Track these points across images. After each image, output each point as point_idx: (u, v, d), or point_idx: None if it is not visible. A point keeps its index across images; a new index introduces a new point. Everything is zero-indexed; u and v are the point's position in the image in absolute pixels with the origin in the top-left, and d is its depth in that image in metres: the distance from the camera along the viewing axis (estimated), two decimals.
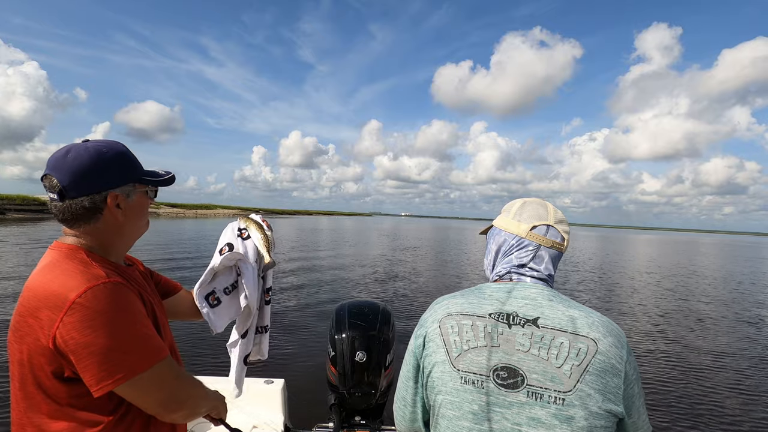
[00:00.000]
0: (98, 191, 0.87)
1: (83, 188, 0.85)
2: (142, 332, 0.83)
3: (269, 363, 4.64)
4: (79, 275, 0.80)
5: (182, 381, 0.91)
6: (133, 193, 0.93)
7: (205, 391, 1.01)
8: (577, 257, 21.60)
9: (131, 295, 0.85)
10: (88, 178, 0.85)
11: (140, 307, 0.86)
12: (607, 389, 0.75)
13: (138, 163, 0.95)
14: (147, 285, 1.05)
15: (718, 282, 14.45)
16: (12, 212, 38.94)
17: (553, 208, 0.95)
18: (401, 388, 0.95)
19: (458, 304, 0.87)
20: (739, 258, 29.25)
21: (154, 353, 0.83)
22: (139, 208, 0.95)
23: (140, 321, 0.84)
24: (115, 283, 0.82)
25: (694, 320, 8.09)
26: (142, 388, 0.82)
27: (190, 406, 0.92)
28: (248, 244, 1.36)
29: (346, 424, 2.00)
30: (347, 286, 10.07)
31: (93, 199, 0.87)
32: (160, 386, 0.84)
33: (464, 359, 0.81)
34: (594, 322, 0.79)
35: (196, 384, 0.97)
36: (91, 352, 0.76)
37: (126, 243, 0.98)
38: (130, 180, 0.92)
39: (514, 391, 0.77)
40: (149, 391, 0.83)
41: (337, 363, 1.98)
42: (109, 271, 0.85)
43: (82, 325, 0.75)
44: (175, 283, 1.28)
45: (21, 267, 10.40)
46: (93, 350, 0.76)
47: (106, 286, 0.80)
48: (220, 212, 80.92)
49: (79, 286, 0.78)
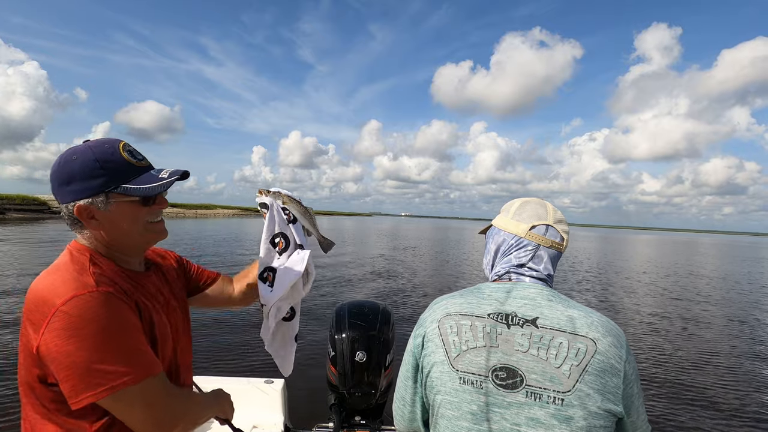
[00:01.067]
0: (67, 201, 0.84)
1: (59, 196, 0.85)
2: (128, 345, 0.78)
3: (269, 363, 4.65)
4: (70, 282, 0.78)
5: (175, 398, 0.85)
6: (108, 204, 0.85)
7: (204, 400, 0.99)
8: (577, 257, 21.59)
9: (122, 306, 0.80)
10: (59, 186, 0.84)
11: (131, 320, 0.81)
12: (607, 389, 0.75)
13: (118, 168, 0.85)
14: (163, 289, 1.01)
15: (715, 282, 14.45)
16: (12, 212, 38.88)
17: (552, 208, 0.95)
18: (400, 388, 0.95)
19: (457, 304, 0.87)
20: (737, 258, 29.25)
21: (141, 368, 0.78)
22: (120, 217, 0.87)
23: (128, 334, 0.79)
24: (104, 293, 0.78)
25: (694, 319, 8.09)
26: (128, 404, 0.77)
27: (188, 420, 0.88)
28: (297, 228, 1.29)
29: (346, 424, 2.00)
30: (347, 286, 10.06)
31: (68, 208, 0.85)
32: (148, 404, 0.79)
33: (463, 359, 0.81)
34: (593, 322, 0.79)
35: (190, 396, 0.94)
36: (72, 362, 0.73)
37: (130, 250, 0.93)
38: (101, 190, 0.84)
39: (513, 392, 0.77)
40: (136, 408, 0.78)
41: (337, 363, 1.98)
42: (103, 278, 0.82)
43: (65, 334, 0.73)
44: (212, 273, 1.27)
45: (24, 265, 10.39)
46: (74, 360, 0.73)
47: (92, 295, 0.76)
48: (220, 212, 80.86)
49: (66, 293, 0.75)
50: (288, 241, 1.27)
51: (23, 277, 8.99)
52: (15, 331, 5.45)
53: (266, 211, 1.28)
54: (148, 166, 0.91)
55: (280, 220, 1.26)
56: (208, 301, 1.26)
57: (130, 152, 0.89)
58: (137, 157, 0.89)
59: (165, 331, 0.93)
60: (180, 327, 1.03)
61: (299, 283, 1.27)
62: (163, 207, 0.95)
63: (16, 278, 8.87)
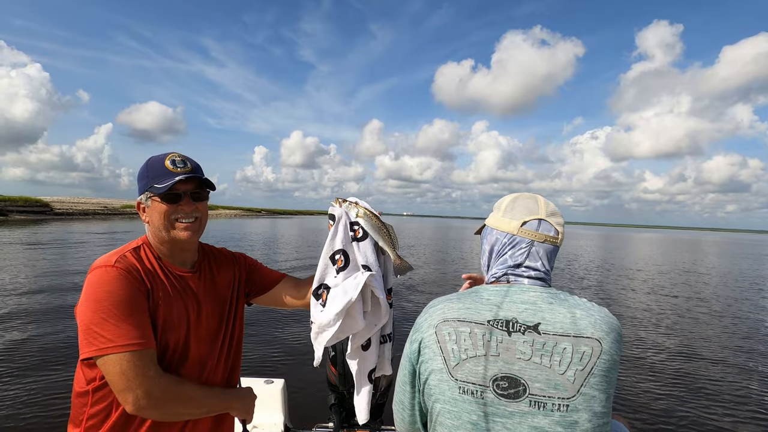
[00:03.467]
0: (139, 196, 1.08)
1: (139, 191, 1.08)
2: (123, 318, 0.91)
3: (269, 363, 4.66)
4: (104, 259, 0.99)
5: (157, 380, 0.92)
6: (148, 200, 1.06)
7: (201, 394, 1.02)
8: (579, 256, 21.54)
9: (131, 285, 0.95)
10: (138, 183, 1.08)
11: (136, 298, 0.95)
12: (610, 385, 0.75)
13: (156, 172, 1.05)
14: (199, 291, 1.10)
15: (714, 279, 14.40)
16: (14, 214, 39.09)
17: (544, 201, 0.92)
18: (399, 392, 0.94)
19: (455, 309, 0.84)
20: (738, 255, 29.12)
21: (127, 340, 0.89)
22: (155, 213, 1.05)
23: (127, 309, 0.92)
24: (118, 269, 0.95)
25: (693, 318, 8.06)
26: (109, 369, 0.90)
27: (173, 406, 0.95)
28: (365, 246, 1.15)
29: (346, 424, 2.00)
30: None
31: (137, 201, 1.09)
32: (125, 374, 0.88)
33: (462, 369, 0.79)
34: (596, 320, 0.78)
35: (180, 384, 0.98)
36: (81, 321, 0.92)
37: (165, 245, 1.08)
38: (145, 189, 1.06)
39: (515, 401, 0.75)
40: (114, 374, 0.89)
41: (337, 363, 1.97)
42: (126, 261, 0.99)
43: (83, 298, 0.93)
44: (277, 274, 1.33)
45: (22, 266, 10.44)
46: (82, 319, 0.92)
47: (107, 270, 0.95)
48: (222, 212, 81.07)
49: (95, 266, 0.97)
50: (348, 260, 1.15)
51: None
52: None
53: (332, 223, 1.18)
54: (182, 172, 1.05)
55: (344, 236, 1.16)
56: (269, 302, 1.33)
57: (173, 161, 1.06)
58: (177, 165, 1.05)
59: (174, 323, 1.02)
60: (213, 329, 1.11)
61: (355, 310, 1.12)
62: (186, 210, 1.06)
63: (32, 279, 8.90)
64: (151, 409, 0.91)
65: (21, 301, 7.09)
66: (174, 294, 1.04)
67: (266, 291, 1.30)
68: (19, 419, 3.32)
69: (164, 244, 1.08)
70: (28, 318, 6.14)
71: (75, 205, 51.73)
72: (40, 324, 5.85)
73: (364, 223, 1.15)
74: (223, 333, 1.14)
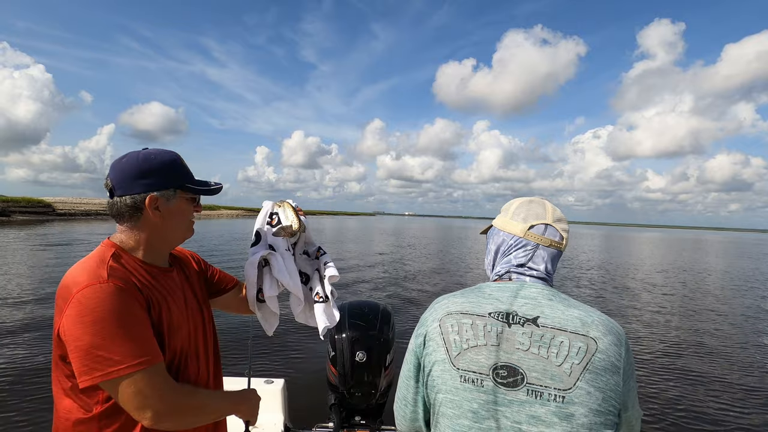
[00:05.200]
0: (139, 192, 0.96)
1: (128, 188, 0.96)
2: (128, 336, 0.84)
3: (269, 363, 4.66)
4: (89, 272, 0.87)
5: (173, 391, 0.90)
6: (174, 198, 1.00)
7: (212, 400, 1.01)
8: (580, 256, 21.51)
9: (129, 299, 0.87)
10: (134, 179, 0.96)
11: (137, 313, 0.88)
12: (608, 387, 0.76)
13: (185, 171, 1.03)
14: (183, 286, 1.09)
15: (714, 278, 14.36)
16: (17, 214, 39.26)
17: (551, 207, 0.96)
18: (402, 388, 0.95)
19: (458, 303, 0.88)
20: (743, 255, 29.04)
21: (137, 359, 0.84)
22: (178, 212, 1.02)
23: (129, 325, 0.85)
24: (112, 286, 0.86)
25: (694, 317, 8.05)
26: (122, 391, 0.84)
27: (189, 416, 0.93)
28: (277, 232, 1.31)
29: (346, 424, 2.00)
30: (348, 286, 10.06)
31: (134, 198, 0.96)
32: (141, 393, 0.84)
33: (464, 358, 0.82)
34: (594, 321, 0.80)
35: (194, 394, 0.96)
36: (77, 347, 0.82)
37: (164, 245, 1.04)
38: (172, 185, 0.99)
39: (513, 390, 0.77)
40: (128, 395, 0.84)
41: (337, 363, 1.98)
42: (117, 272, 0.90)
43: (76, 320, 0.82)
44: (231, 278, 1.33)
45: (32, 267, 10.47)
46: (79, 345, 0.82)
47: (101, 286, 0.84)
48: (224, 212, 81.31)
49: (82, 282, 0.85)
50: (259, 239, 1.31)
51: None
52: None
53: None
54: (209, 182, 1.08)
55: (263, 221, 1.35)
56: (227, 305, 1.32)
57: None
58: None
59: (177, 325, 0.99)
60: (199, 325, 1.09)
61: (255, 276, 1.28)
62: (200, 210, 1.10)
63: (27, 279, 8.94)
64: (169, 422, 0.89)
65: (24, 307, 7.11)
66: (167, 295, 1.00)
67: (222, 293, 1.28)
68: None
69: (161, 244, 1.03)
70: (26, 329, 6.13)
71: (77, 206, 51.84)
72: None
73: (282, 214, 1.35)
74: (204, 327, 1.12)
